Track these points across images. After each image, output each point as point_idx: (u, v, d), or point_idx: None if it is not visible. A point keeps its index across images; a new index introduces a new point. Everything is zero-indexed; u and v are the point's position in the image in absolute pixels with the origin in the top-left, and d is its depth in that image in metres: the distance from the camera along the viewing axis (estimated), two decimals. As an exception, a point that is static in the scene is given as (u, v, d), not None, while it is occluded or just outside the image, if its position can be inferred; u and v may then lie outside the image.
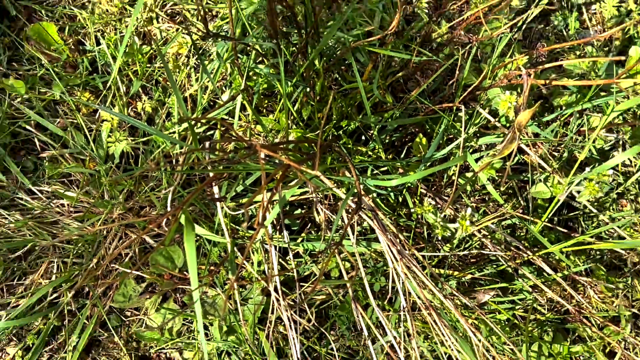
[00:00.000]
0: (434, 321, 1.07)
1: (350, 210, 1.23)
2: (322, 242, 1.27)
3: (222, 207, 1.21)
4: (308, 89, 1.34)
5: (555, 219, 1.43)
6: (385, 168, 1.36)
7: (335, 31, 1.29)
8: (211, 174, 1.21)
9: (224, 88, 1.50)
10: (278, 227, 1.31)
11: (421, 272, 1.08)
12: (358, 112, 1.43)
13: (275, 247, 1.29)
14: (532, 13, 1.36)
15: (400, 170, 1.33)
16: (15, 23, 1.55)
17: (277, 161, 1.28)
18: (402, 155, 1.42)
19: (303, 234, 1.38)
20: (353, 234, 1.19)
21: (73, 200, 1.38)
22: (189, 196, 0.96)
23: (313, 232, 1.40)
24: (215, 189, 1.24)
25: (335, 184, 1.20)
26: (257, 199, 1.28)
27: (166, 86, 1.51)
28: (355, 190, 1.05)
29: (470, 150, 1.33)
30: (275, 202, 1.18)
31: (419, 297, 1.09)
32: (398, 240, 1.14)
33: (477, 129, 1.33)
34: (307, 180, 1.18)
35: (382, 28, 1.46)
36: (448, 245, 1.28)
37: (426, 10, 1.37)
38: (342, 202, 1.14)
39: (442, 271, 1.29)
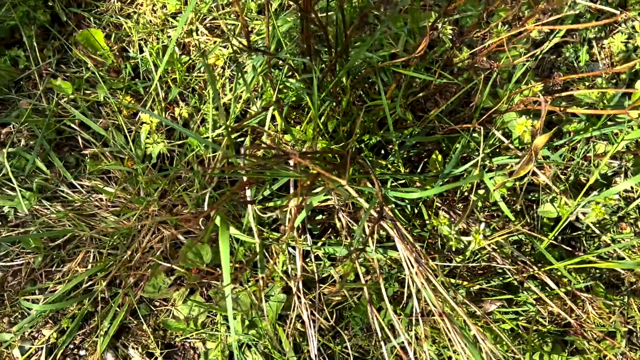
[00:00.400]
0: (447, 327, 1.08)
1: (371, 219, 1.25)
2: (343, 247, 1.29)
3: (253, 210, 1.24)
4: (334, 104, 1.36)
5: (559, 237, 1.45)
6: (403, 181, 1.38)
7: (364, 52, 1.32)
8: (244, 178, 1.24)
9: (254, 99, 1.53)
10: (301, 231, 1.34)
11: (435, 280, 1.10)
12: (379, 128, 1.46)
13: (297, 248, 1.31)
14: (548, 45, 1.38)
15: (418, 184, 1.35)
16: (65, 28, 1.59)
17: (302, 169, 1.31)
18: (419, 170, 1.44)
19: (323, 238, 1.40)
20: (373, 242, 1.21)
21: (111, 195, 1.40)
22: (224, 198, 0.98)
23: (332, 236, 1.42)
24: (247, 192, 1.27)
25: (357, 194, 1.22)
26: (283, 203, 1.30)
27: (202, 94, 1.54)
28: (378, 201, 1.08)
29: (486, 170, 1.35)
30: (302, 207, 1.20)
31: (432, 304, 1.11)
32: (415, 249, 1.15)
33: (491, 150, 1.35)
34: (334, 189, 1.20)
35: (406, 50, 1.49)
36: (460, 256, 1.29)
37: (450, 36, 1.40)
38: (366, 211, 1.16)
39: (452, 280, 1.31)
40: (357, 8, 1.40)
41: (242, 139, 1.49)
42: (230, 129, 1.20)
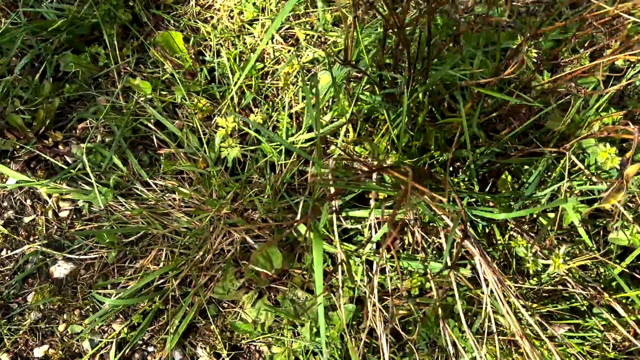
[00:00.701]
0: (527, 350, 1.07)
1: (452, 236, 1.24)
2: (419, 262, 1.28)
3: (336, 220, 1.23)
4: (407, 119, 1.36)
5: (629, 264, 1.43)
6: (473, 199, 1.37)
7: (446, 71, 1.31)
8: (332, 189, 1.23)
9: (325, 109, 1.53)
10: (375, 244, 1.33)
11: (518, 301, 1.09)
12: (448, 144, 1.45)
13: (367, 260, 1.30)
14: (632, 74, 1.36)
15: (491, 204, 1.34)
16: (143, 29, 1.59)
17: (393, 183, 1.30)
18: (487, 189, 1.43)
19: (392, 252, 1.39)
20: (451, 259, 1.20)
21: (187, 196, 1.40)
22: (316, 208, 0.98)
23: (400, 250, 1.41)
24: (334, 203, 1.26)
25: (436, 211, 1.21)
26: (364, 215, 1.29)
27: (273, 101, 1.54)
28: (461, 218, 1.06)
29: (563, 196, 1.34)
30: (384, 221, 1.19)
31: (513, 325, 1.09)
32: (496, 269, 1.14)
33: (566, 175, 1.34)
34: (415, 204, 1.19)
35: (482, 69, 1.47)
36: (535, 279, 1.28)
37: (534, 60, 1.39)
38: (452, 230, 1.15)
39: (522, 302, 1.29)
40: (441, 27, 1.39)
41: (308, 145, 1.49)
42: (319, 138, 1.19)
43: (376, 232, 1.24)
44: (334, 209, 1.25)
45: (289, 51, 1.58)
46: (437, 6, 1.15)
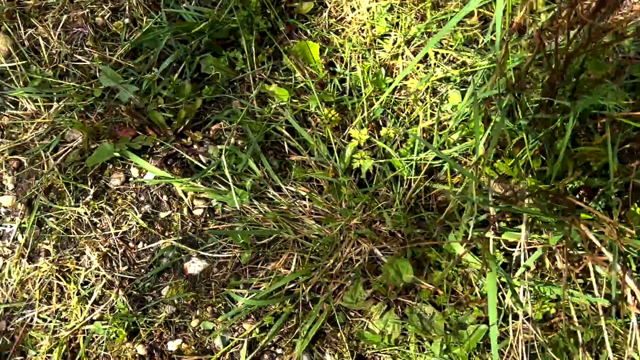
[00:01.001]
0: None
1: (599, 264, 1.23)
2: (562, 289, 1.27)
3: (492, 241, 1.22)
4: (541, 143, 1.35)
5: None
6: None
7: (596, 101, 1.30)
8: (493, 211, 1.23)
9: (454, 128, 1.52)
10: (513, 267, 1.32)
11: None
12: (580, 171, 1.43)
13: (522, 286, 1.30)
14: None
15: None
16: (277, 36, 1.61)
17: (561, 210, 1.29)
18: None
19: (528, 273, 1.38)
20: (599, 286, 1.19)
21: (319, 203, 1.41)
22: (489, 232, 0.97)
23: (532, 273, 1.40)
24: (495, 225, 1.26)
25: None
26: (515, 238, 1.29)
27: (400, 115, 1.54)
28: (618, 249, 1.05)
29: None
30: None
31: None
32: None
33: None
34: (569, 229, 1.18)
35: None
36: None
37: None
38: (613, 261, 1.13)
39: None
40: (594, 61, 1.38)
41: (438, 163, 1.49)
42: (482, 158, 1.19)
43: (526, 256, 1.23)
44: (493, 231, 1.24)
45: (417, 67, 1.58)
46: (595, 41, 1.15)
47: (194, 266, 1.40)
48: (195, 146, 1.50)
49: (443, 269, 1.39)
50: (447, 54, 1.57)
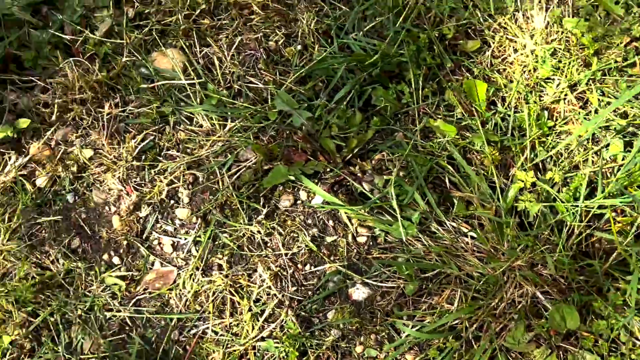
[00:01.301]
0: None
1: None
2: None
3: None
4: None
5: None
6: None
7: None
8: None
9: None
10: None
11: None
12: None
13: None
14: None
15: None
16: (440, 72, 1.62)
17: None
18: None
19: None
20: None
21: (485, 242, 1.42)
22: None
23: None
24: None
25: None
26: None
27: (557, 159, 1.54)
28: None
29: None
30: None
31: None
32: None
33: None
34: None
35: None
36: None
37: None
38: None
39: None
40: None
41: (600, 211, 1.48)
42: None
43: None
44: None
45: (578, 113, 1.58)
46: None
47: (359, 292, 1.43)
48: (360, 174, 1.52)
49: (606, 318, 1.39)
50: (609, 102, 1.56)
